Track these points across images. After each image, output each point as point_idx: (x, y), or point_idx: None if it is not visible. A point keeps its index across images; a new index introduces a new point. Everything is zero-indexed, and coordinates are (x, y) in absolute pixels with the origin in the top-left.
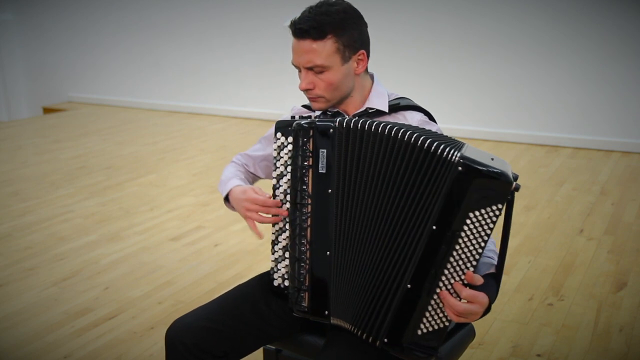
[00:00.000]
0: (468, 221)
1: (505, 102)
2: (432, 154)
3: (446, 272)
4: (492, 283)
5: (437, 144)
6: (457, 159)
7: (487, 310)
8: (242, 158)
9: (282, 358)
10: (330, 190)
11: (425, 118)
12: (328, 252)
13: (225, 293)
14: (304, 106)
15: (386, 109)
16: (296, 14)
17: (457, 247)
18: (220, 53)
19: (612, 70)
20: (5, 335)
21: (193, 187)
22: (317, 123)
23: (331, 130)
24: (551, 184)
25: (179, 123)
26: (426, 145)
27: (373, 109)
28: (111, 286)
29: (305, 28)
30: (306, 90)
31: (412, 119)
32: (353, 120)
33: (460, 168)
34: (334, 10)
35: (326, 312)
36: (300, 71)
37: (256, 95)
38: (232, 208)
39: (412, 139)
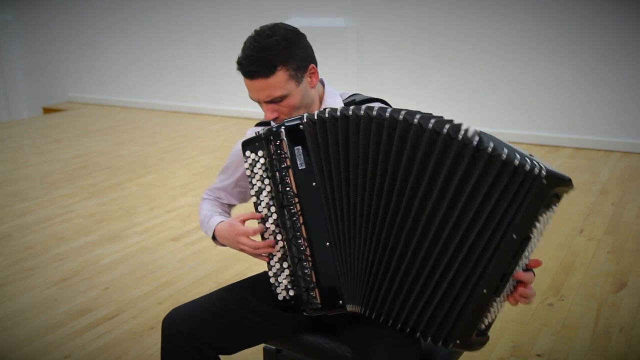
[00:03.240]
0: (537, 224)
1: (505, 102)
2: (488, 155)
3: (514, 272)
4: None
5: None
6: (544, 172)
7: None
8: (212, 193)
9: (282, 358)
10: (314, 184)
11: (385, 107)
12: (327, 243)
13: (223, 287)
14: (259, 124)
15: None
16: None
17: (527, 248)
18: (220, 54)
19: (612, 70)
20: (5, 335)
21: (193, 187)
22: (286, 123)
23: (301, 126)
24: None
25: (179, 123)
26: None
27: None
28: (111, 286)
29: (254, 70)
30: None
31: None
32: (328, 111)
33: (545, 181)
34: (274, 42)
35: (340, 301)
36: (260, 103)
37: None
38: (222, 244)
39: (421, 123)
